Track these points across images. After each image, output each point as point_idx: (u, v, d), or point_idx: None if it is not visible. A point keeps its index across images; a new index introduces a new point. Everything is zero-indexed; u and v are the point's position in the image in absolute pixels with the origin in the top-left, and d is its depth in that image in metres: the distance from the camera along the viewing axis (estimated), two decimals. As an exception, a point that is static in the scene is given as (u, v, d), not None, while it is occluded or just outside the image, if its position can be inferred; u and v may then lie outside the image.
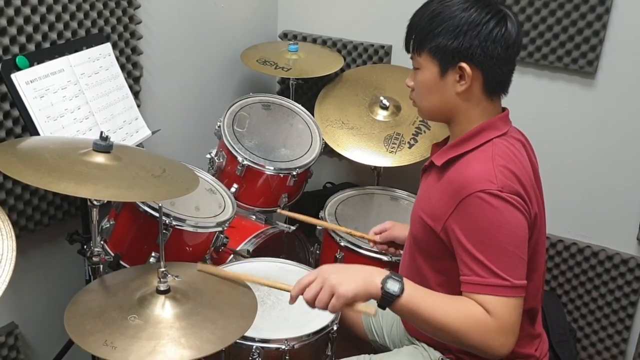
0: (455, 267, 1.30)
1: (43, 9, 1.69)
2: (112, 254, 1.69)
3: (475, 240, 1.25)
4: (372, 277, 1.24)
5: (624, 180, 2.14)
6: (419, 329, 1.31)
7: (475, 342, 1.22)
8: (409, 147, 2.20)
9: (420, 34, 1.35)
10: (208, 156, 2.10)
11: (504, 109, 1.42)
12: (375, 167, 2.33)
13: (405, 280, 1.25)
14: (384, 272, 1.25)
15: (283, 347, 1.47)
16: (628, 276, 2.17)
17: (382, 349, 1.67)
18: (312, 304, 1.26)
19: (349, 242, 1.94)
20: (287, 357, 1.48)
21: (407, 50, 1.40)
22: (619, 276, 2.19)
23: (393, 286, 1.22)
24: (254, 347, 1.46)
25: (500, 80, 1.35)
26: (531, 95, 2.21)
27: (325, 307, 1.24)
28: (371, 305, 1.27)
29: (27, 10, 1.65)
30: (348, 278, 1.24)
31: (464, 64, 1.31)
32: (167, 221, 1.63)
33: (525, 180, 1.29)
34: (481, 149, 1.33)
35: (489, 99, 1.36)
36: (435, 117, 1.44)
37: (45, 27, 1.71)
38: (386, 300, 1.23)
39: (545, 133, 2.20)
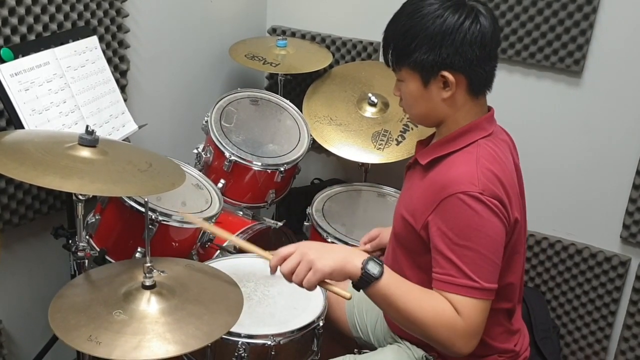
0: None
1: (28, 1, 1.67)
2: (98, 249, 1.68)
3: (451, 240, 1.26)
4: (352, 257, 1.25)
5: (609, 179, 2.16)
6: (390, 317, 1.32)
7: (441, 338, 1.24)
8: (397, 144, 2.20)
9: (396, 51, 1.35)
10: (195, 151, 2.10)
11: (489, 108, 1.42)
12: (363, 164, 2.33)
13: (385, 266, 1.26)
14: (365, 255, 1.27)
15: (269, 342, 1.47)
16: (611, 274, 2.20)
17: (366, 345, 1.68)
18: (289, 277, 1.27)
19: (335, 238, 1.95)
20: (272, 353, 1.48)
21: (387, 65, 1.39)
22: (602, 273, 2.21)
23: (374, 268, 1.24)
24: (240, 342, 1.46)
25: (484, 79, 1.35)
26: (518, 93, 2.22)
27: (301, 281, 1.25)
28: (347, 290, 1.27)
29: (11, 2, 1.63)
30: (327, 254, 1.25)
31: (445, 73, 1.30)
32: (153, 216, 1.63)
33: (508, 184, 1.29)
34: (466, 150, 1.33)
35: (474, 99, 1.36)
36: (427, 123, 1.44)
37: (30, 19, 1.69)
38: (364, 280, 1.24)
39: (531, 131, 2.22)
